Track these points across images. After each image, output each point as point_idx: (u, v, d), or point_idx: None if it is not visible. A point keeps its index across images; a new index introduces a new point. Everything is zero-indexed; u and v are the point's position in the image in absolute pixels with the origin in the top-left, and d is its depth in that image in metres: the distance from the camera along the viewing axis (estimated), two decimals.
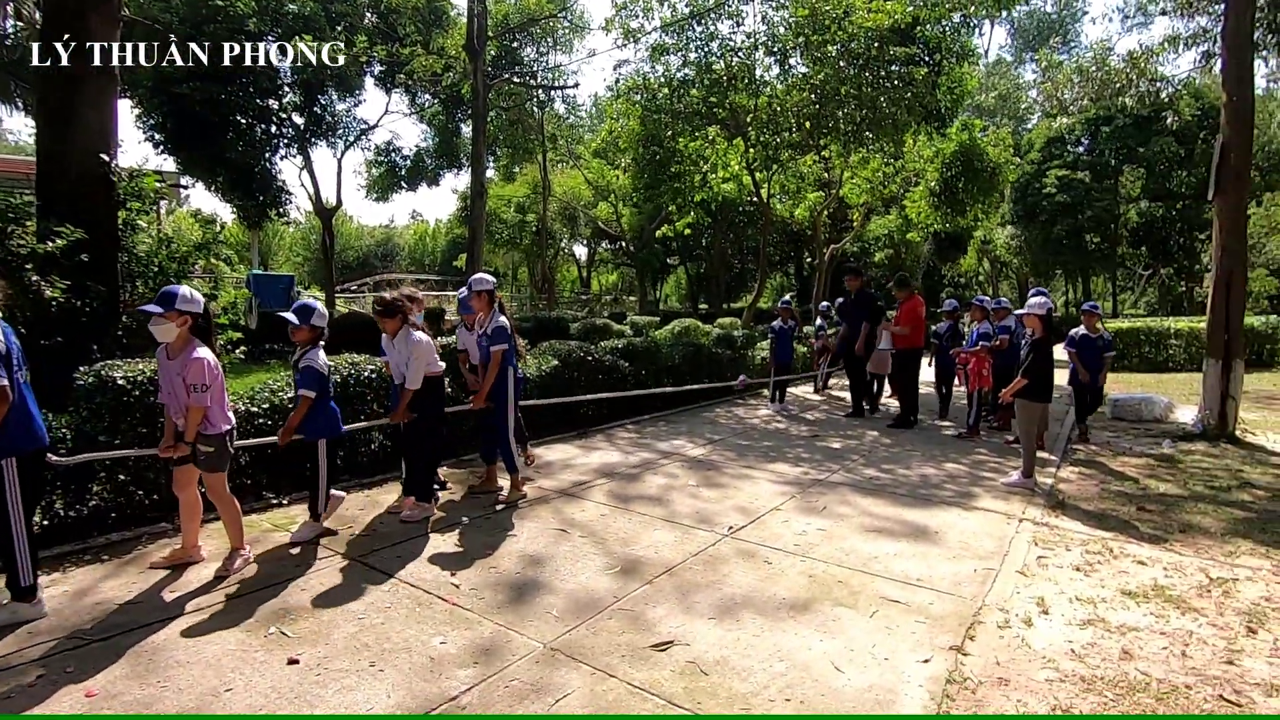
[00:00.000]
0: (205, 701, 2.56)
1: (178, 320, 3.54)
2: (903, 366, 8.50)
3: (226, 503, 3.82)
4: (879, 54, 11.74)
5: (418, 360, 4.49)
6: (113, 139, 7.24)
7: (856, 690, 2.72)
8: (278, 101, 18.20)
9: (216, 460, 3.72)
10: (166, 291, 3.59)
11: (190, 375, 3.54)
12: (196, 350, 3.60)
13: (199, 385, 3.55)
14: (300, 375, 4.10)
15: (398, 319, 4.54)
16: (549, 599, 3.51)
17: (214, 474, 3.74)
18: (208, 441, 3.66)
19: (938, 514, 4.98)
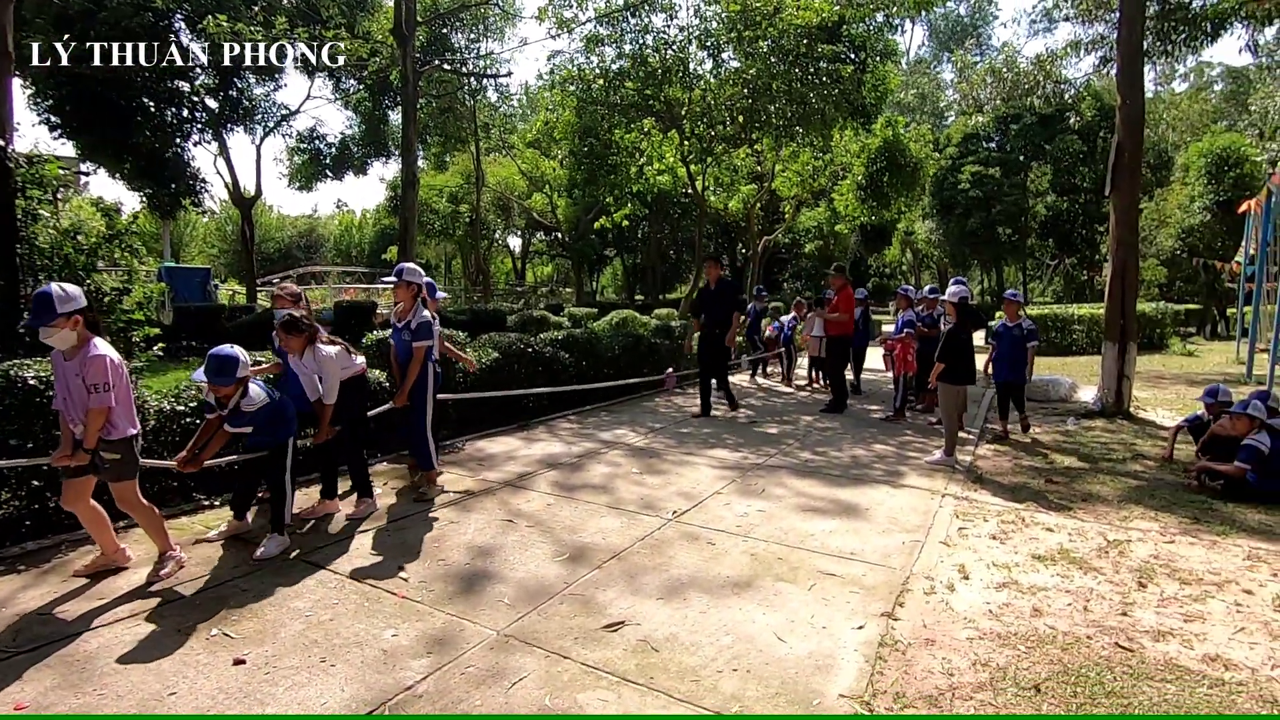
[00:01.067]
0: (148, 706, 2.50)
1: (69, 324, 3.25)
2: (834, 352, 8.85)
3: (143, 511, 3.59)
4: (808, 50, 12.09)
5: (331, 375, 4.33)
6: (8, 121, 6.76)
7: (798, 658, 2.89)
8: (189, 84, 17.19)
9: (123, 468, 3.46)
10: (41, 297, 3.21)
11: (90, 374, 3.26)
12: (95, 348, 3.32)
13: (101, 385, 3.27)
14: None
15: (304, 337, 4.31)
16: (499, 588, 3.55)
17: (122, 483, 3.49)
18: (111, 448, 3.38)
19: (868, 492, 5.26)
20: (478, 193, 24.66)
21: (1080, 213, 30.18)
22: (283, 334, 4.32)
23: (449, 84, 20.06)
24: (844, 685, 2.70)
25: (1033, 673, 2.75)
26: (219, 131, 17.88)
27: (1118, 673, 2.74)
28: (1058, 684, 2.67)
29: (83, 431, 3.32)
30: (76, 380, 3.31)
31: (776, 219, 26.58)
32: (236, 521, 4.24)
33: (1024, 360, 7.16)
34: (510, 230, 34.44)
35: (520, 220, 30.77)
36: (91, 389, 3.28)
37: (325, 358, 4.34)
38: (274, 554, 3.88)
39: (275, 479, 4.05)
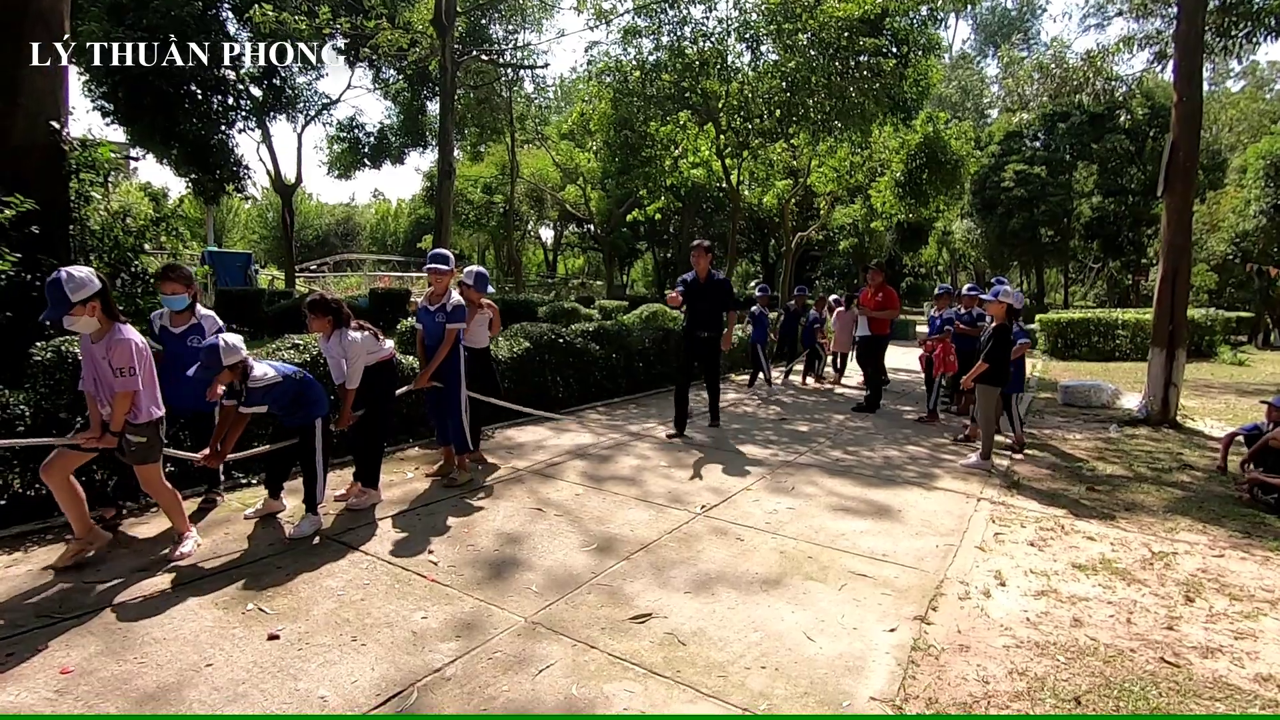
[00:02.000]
0: (185, 676, 2.55)
1: (86, 310, 3.23)
2: (871, 351, 8.70)
3: (165, 493, 3.63)
4: (849, 43, 11.88)
5: (354, 359, 4.29)
6: (63, 106, 6.94)
7: (828, 658, 2.84)
8: (235, 72, 17.56)
9: (148, 451, 3.48)
10: (53, 287, 3.16)
11: (116, 358, 3.29)
12: (121, 331, 3.34)
13: (126, 368, 3.29)
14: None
15: (327, 319, 4.27)
16: (528, 575, 3.56)
17: (146, 466, 3.51)
18: (138, 431, 3.43)
19: (901, 494, 5.16)
20: (512, 184, 24.79)
21: (1127, 214, 29.27)
22: (308, 314, 4.32)
23: (486, 75, 20.18)
24: (875, 688, 2.64)
25: (1073, 684, 2.67)
26: (262, 119, 18.26)
27: (1163, 688, 2.64)
28: (1099, 697, 2.58)
29: (109, 414, 3.35)
30: (104, 363, 3.33)
31: (810, 215, 26.24)
32: (272, 501, 4.28)
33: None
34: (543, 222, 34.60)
35: (553, 212, 30.88)
36: (117, 372, 3.30)
37: (350, 342, 4.29)
38: (307, 534, 3.93)
39: (307, 460, 4.07)
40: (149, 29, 14.05)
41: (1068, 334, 16.58)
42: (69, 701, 2.38)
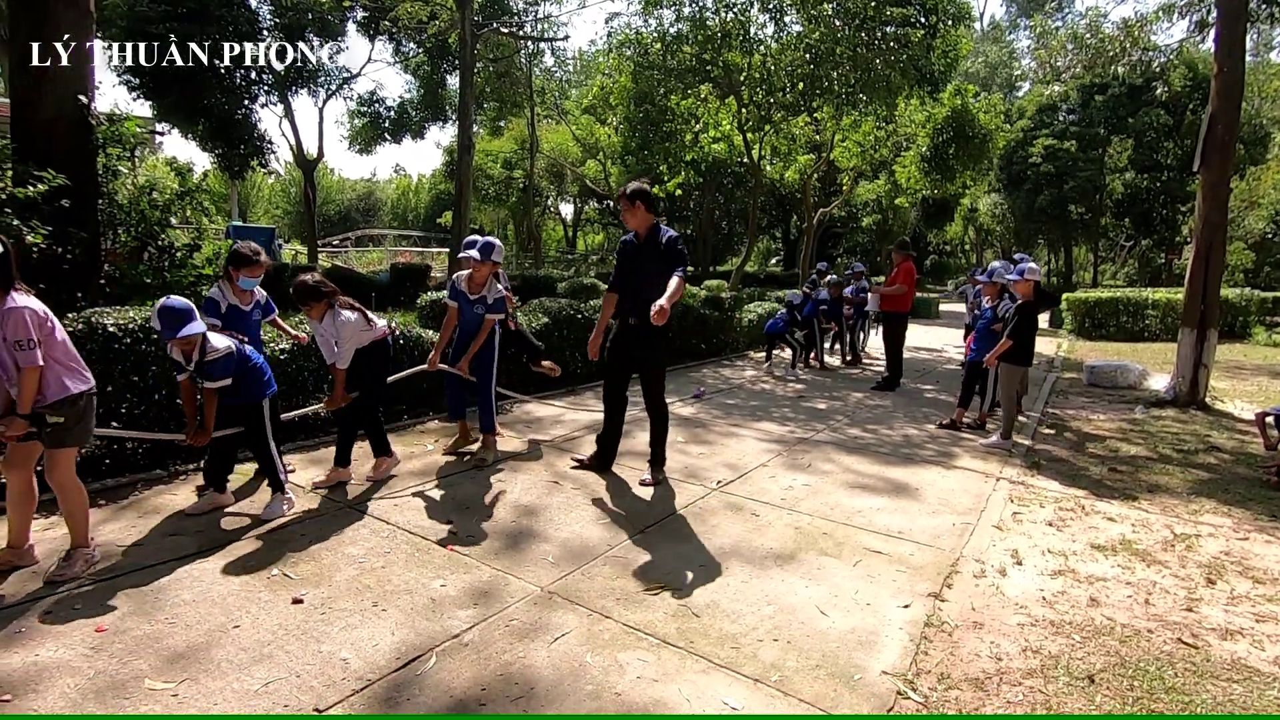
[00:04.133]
0: (213, 636, 2.64)
1: None
2: (891, 329, 8.62)
3: (75, 491, 3.15)
4: (875, 13, 11.57)
5: (346, 340, 4.17)
6: (90, 80, 7.01)
7: (840, 632, 2.86)
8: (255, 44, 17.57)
9: (66, 433, 3.07)
10: None
11: (10, 330, 2.86)
12: (13, 300, 2.90)
13: (24, 341, 2.88)
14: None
15: (322, 304, 4.13)
16: (544, 546, 3.61)
17: (59, 450, 3.09)
18: (57, 410, 3.02)
19: (919, 472, 5.14)
20: (531, 159, 24.68)
21: (1161, 191, 28.43)
22: (300, 303, 4.14)
23: (506, 48, 20.00)
24: (887, 662, 2.66)
25: (1087, 663, 2.66)
26: (284, 94, 18.30)
27: (1179, 669, 2.63)
28: (1113, 676, 2.57)
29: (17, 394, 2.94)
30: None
31: (833, 191, 25.82)
32: (217, 495, 3.96)
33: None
34: (562, 197, 34.44)
35: (573, 187, 30.71)
36: (15, 346, 2.88)
37: (344, 322, 4.17)
38: (280, 513, 3.81)
39: (258, 442, 3.86)
40: (171, 2, 14.08)
41: (1095, 314, 16.23)
42: (103, 658, 2.48)
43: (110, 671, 2.40)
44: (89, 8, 6.81)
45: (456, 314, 5.03)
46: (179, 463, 4.55)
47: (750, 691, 2.46)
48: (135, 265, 6.88)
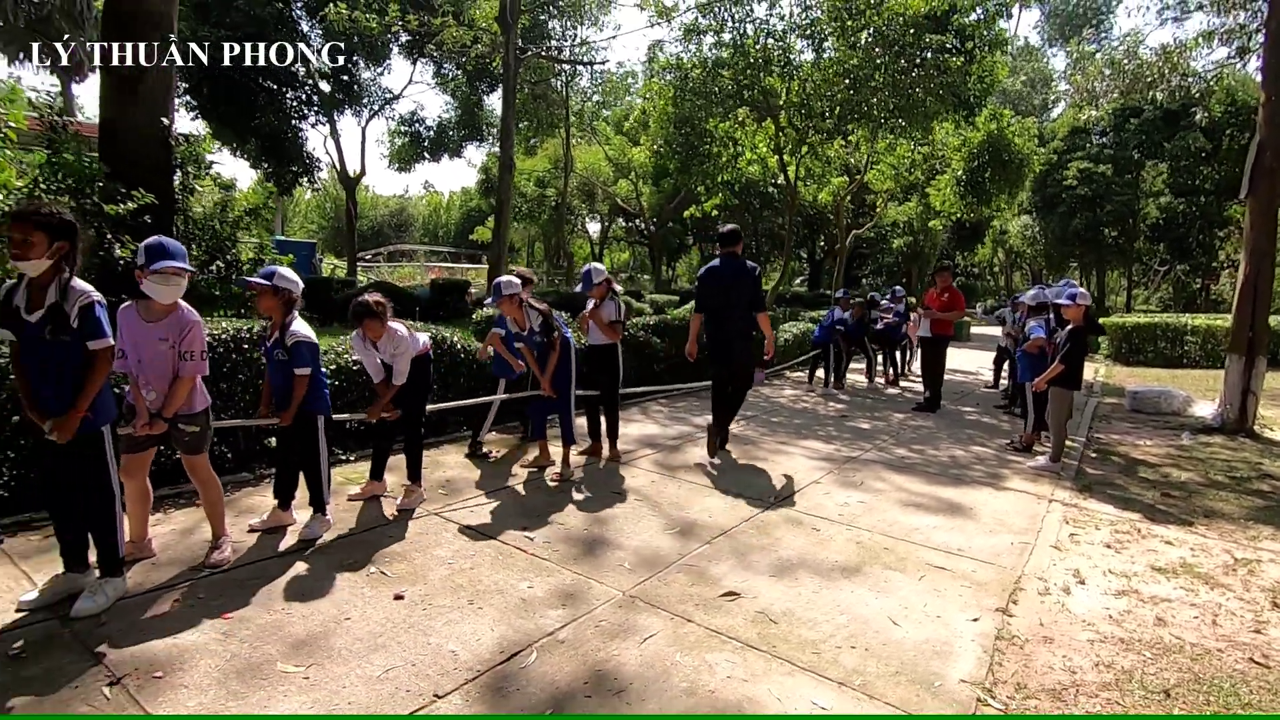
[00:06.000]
0: (328, 627, 2.83)
1: (182, 278, 3.12)
2: (933, 351, 8.69)
3: (212, 486, 3.44)
4: (914, 40, 11.76)
5: (405, 355, 4.16)
6: (171, 104, 7.42)
7: (915, 641, 2.98)
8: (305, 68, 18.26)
9: (200, 440, 3.34)
10: (174, 248, 3.11)
11: (186, 341, 3.11)
12: (188, 313, 3.15)
13: (197, 352, 3.13)
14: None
15: (382, 324, 4.07)
16: (618, 554, 3.77)
17: (198, 455, 3.36)
18: (192, 420, 3.26)
19: (970, 492, 5.22)
20: (565, 178, 25.15)
21: (1198, 216, 28.06)
22: (366, 320, 4.04)
23: (544, 70, 20.52)
24: (963, 671, 2.77)
25: (1161, 678, 2.74)
26: (330, 114, 18.95)
27: (1254, 686, 2.70)
28: (1189, 691, 2.66)
29: (159, 399, 3.16)
30: (161, 344, 3.12)
31: (862, 212, 25.92)
32: (280, 512, 3.90)
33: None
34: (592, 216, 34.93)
35: (603, 206, 31.16)
36: (185, 355, 3.12)
37: (401, 339, 4.14)
38: (318, 534, 3.75)
39: (310, 457, 3.82)
40: (231, 27, 14.73)
41: (1132, 338, 16.09)
42: (235, 642, 2.68)
43: (244, 655, 2.61)
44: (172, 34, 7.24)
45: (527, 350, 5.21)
46: (263, 466, 4.79)
47: (836, 694, 2.59)
48: (204, 278, 7.23)
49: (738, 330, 5.76)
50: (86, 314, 2.72)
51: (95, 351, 2.76)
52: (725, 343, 5.80)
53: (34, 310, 2.70)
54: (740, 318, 5.73)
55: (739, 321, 5.74)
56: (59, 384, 2.73)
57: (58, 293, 2.70)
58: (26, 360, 2.75)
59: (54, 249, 2.68)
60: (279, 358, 3.66)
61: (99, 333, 2.75)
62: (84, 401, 2.73)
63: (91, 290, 2.77)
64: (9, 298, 2.74)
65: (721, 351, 5.85)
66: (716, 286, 5.71)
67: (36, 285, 2.71)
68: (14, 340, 2.77)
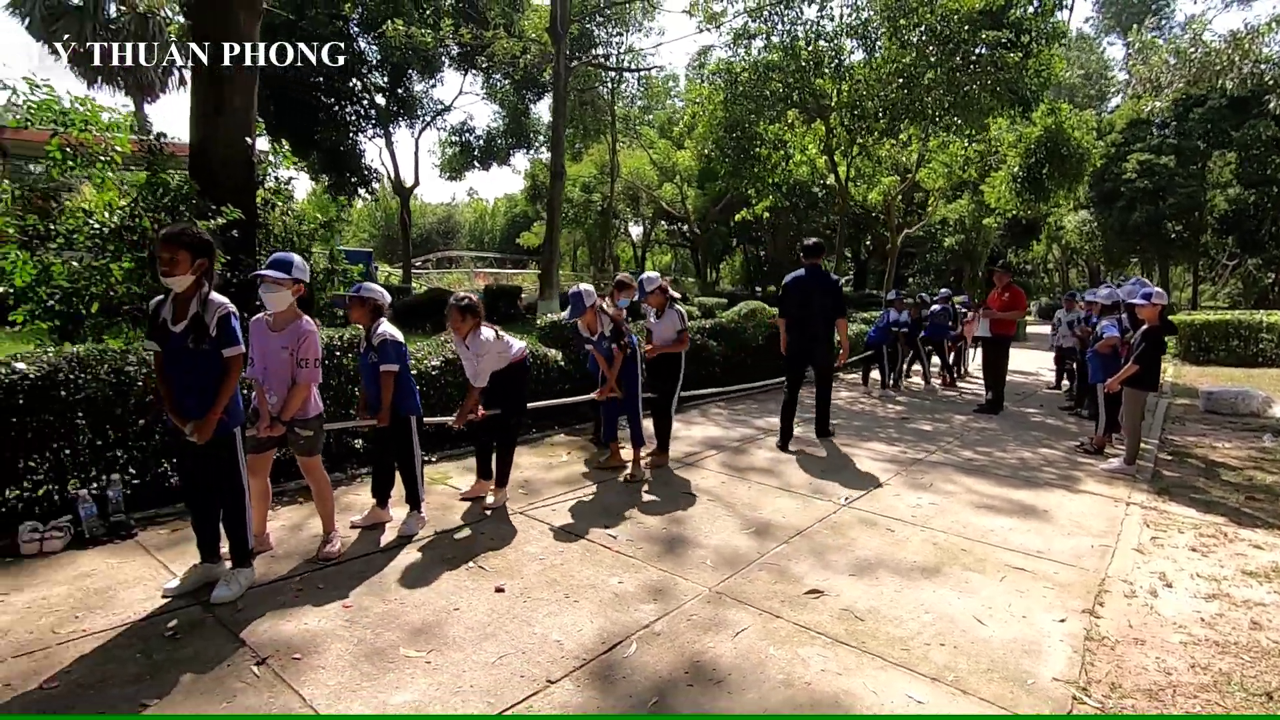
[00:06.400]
0: (440, 616, 3.03)
1: (292, 288, 3.40)
2: (995, 352, 8.58)
3: (324, 485, 3.71)
4: (969, 37, 11.61)
5: (484, 358, 4.31)
6: (253, 124, 7.83)
7: (1003, 641, 3.02)
8: (361, 82, 18.94)
9: (314, 443, 3.59)
10: (282, 258, 3.44)
11: (303, 349, 3.38)
12: (307, 323, 3.45)
13: (312, 360, 3.40)
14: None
15: (472, 323, 4.27)
16: (699, 552, 3.89)
17: (311, 457, 3.62)
18: (306, 425, 3.53)
19: (1043, 495, 5.18)
20: (612, 183, 25.43)
21: (1270, 207, 26.78)
22: (457, 315, 4.25)
23: (591, 77, 20.82)
24: (1055, 670, 2.80)
25: (1261, 681, 2.73)
26: (386, 126, 19.59)
27: None
28: None
29: (279, 403, 3.41)
30: (283, 352, 3.39)
31: (910, 211, 25.49)
32: (379, 510, 4.12)
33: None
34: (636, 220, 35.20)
35: (648, 210, 31.38)
36: (302, 363, 3.38)
37: (483, 342, 4.28)
38: (415, 532, 3.94)
39: (405, 456, 4.03)
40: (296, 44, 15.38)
41: (1202, 337, 15.47)
42: (358, 629, 2.90)
43: (368, 640, 2.81)
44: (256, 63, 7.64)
45: (597, 354, 5.35)
46: (354, 466, 5.07)
47: (930, 689, 2.66)
48: None
49: (818, 335, 6.34)
50: (223, 324, 2.98)
51: (229, 358, 3.02)
52: (806, 347, 6.37)
53: (179, 322, 2.96)
54: (821, 324, 6.29)
55: (820, 327, 6.32)
56: (199, 390, 2.99)
57: (199, 305, 2.96)
58: (170, 369, 3.02)
59: (196, 265, 2.94)
60: (371, 360, 3.90)
61: (233, 341, 3.01)
62: (220, 405, 2.98)
63: (227, 302, 3.03)
64: (156, 312, 3.01)
65: (801, 355, 6.44)
66: (800, 295, 6.31)
67: (181, 299, 2.98)
68: (158, 351, 3.04)
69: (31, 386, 3.67)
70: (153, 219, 6.71)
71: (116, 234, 6.59)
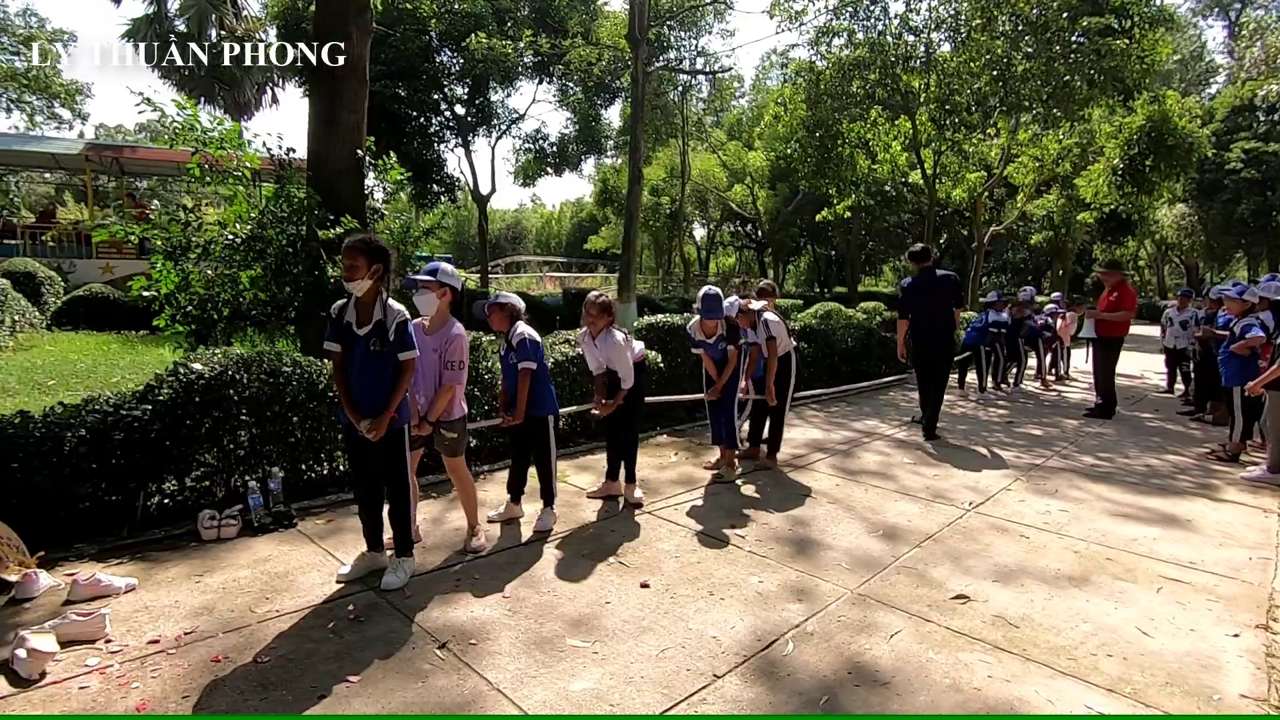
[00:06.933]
0: (594, 610, 3.12)
1: (439, 292, 3.55)
2: (1106, 354, 8.19)
3: (469, 485, 3.85)
4: (1067, 25, 11.12)
5: (624, 357, 4.42)
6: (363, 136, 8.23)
7: (1175, 654, 2.89)
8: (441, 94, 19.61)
9: (458, 444, 3.73)
10: (432, 265, 3.64)
11: (450, 352, 3.53)
12: (456, 327, 3.60)
13: (457, 363, 3.54)
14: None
15: (609, 319, 4.46)
16: (830, 554, 3.87)
17: (456, 458, 3.76)
18: (451, 426, 3.67)
19: (1182, 503, 4.92)
20: (683, 186, 25.49)
21: None
22: (596, 312, 4.43)
23: (661, 81, 20.93)
24: (1241, 687, 2.67)
25: None
26: (465, 136, 20.23)
27: None
28: None
29: (427, 403, 3.58)
30: (433, 355, 3.56)
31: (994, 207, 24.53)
32: (513, 505, 4.27)
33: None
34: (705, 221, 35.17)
35: (715, 211, 31.30)
36: (449, 365, 3.54)
37: (614, 343, 4.43)
38: (551, 526, 4.10)
39: (542, 455, 4.17)
40: (385, 63, 16.09)
41: None
42: (521, 618, 3.02)
43: (533, 630, 2.93)
44: (366, 77, 8.02)
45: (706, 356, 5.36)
46: (477, 463, 5.27)
47: (1107, 699, 2.58)
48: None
49: (939, 335, 6.70)
50: (401, 329, 3.16)
51: (405, 361, 3.19)
52: (929, 347, 6.76)
53: (363, 326, 3.16)
54: (940, 325, 6.59)
55: (940, 330, 6.67)
56: (375, 390, 3.18)
57: (381, 311, 3.15)
58: (350, 369, 3.22)
59: (372, 270, 3.13)
60: (512, 362, 4.04)
61: (409, 345, 3.19)
62: (394, 404, 3.17)
63: (404, 309, 3.22)
64: (340, 315, 3.22)
65: (925, 354, 6.83)
66: (920, 299, 6.71)
67: (363, 304, 3.18)
68: (338, 351, 3.25)
69: (205, 385, 3.97)
70: (278, 230, 7.15)
71: (246, 244, 7.05)
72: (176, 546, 3.69)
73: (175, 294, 6.84)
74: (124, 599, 3.07)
